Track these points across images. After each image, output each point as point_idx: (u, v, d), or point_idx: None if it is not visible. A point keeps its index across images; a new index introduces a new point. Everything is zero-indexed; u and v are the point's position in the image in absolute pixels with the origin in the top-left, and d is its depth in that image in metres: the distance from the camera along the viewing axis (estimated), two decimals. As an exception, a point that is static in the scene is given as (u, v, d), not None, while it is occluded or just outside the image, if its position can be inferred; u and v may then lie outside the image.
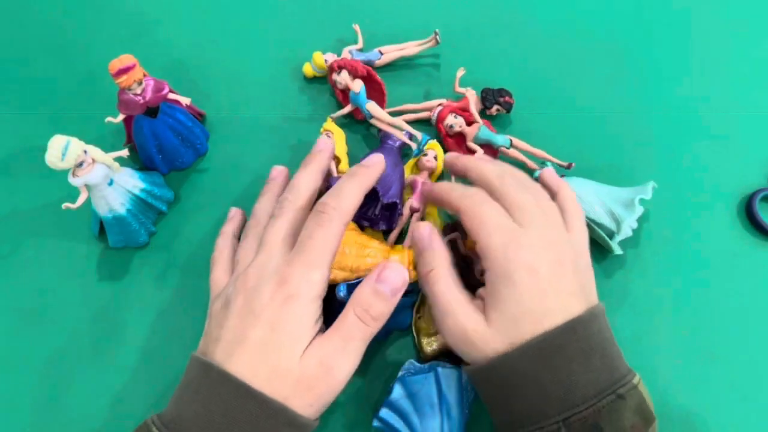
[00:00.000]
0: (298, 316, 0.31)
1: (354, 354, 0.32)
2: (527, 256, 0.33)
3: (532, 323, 0.32)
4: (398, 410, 0.38)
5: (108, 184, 0.43)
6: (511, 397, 0.33)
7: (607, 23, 0.60)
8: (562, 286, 0.33)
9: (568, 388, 0.31)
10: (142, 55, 0.45)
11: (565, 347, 0.31)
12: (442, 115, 0.46)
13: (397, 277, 0.32)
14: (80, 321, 0.45)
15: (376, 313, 0.31)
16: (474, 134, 0.44)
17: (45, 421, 0.41)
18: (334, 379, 0.31)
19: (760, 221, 0.48)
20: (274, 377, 0.30)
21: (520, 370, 0.32)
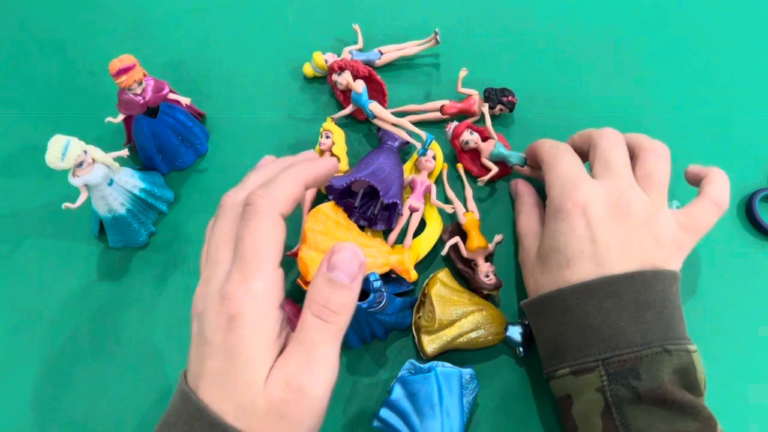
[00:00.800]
0: (248, 338, 0.26)
1: (323, 363, 0.26)
2: (581, 198, 0.36)
3: (566, 258, 0.35)
4: (398, 410, 0.38)
5: (108, 184, 0.43)
6: (558, 332, 0.35)
7: (607, 23, 0.60)
8: (621, 240, 0.35)
9: (615, 331, 0.32)
10: (142, 55, 0.45)
11: (619, 295, 0.33)
12: (457, 132, 0.46)
13: (351, 259, 0.27)
14: (80, 321, 0.45)
15: (336, 306, 0.26)
16: (490, 151, 0.45)
17: (45, 421, 0.41)
18: (308, 399, 0.26)
19: (760, 221, 0.48)
20: (241, 413, 0.26)
21: (570, 305, 0.34)
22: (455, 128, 0.45)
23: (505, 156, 0.45)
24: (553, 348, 0.36)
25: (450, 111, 0.52)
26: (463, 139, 0.45)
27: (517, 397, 0.42)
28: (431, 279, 0.43)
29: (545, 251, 0.37)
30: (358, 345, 0.43)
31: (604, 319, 0.33)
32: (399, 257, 0.43)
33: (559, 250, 0.36)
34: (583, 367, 0.33)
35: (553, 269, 0.36)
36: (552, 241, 0.37)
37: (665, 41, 0.59)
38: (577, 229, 0.35)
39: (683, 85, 0.56)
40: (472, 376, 0.40)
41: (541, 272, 0.37)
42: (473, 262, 0.44)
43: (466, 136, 0.45)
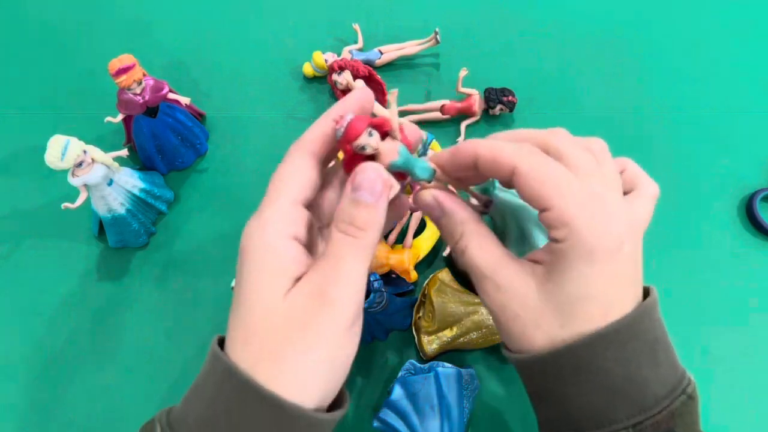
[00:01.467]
0: (253, 269, 0.25)
1: (350, 276, 0.25)
2: (619, 229, 0.27)
3: (602, 307, 0.27)
4: (398, 411, 0.38)
5: (107, 184, 0.43)
6: (569, 394, 0.28)
7: (608, 23, 0.60)
8: (637, 268, 0.28)
9: (640, 386, 0.27)
10: (142, 55, 0.45)
11: (635, 338, 0.27)
12: (353, 133, 0.26)
13: (373, 176, 0.25)
14: (80, 321, 0.44)
15: (361, 223, 0.25)
16: (392, 159, 0.27)
17: (45, 420, 0.41)
18: (332, 306, 0.24)
19: (760, 221, 0.48)
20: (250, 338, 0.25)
21: (585, 362, 0.27)
22: (349, 126, 0.26)
23: (409, 169, 0.28)
24: (563, 412, 0.29)
25: (450, 111, 0.52)
26: (358, 144, 0.26)
27: (517, 397, 0.42)
28: (431, 279, 0.43)
29: (566, 299, 0.27)
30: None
31: (625, 370, 0.27)
32: (399, 257, 0.43)
33: (594, 297, 0.27)
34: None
35: (580, 321, 0.27)
36: (580, 288, 0.27)
37: (665, 41, 0.59)
38: (624, 270, 0.28)
39: (683, 85, 0.56)
40: (472, 376, 0.40)
41: (561, 325, 0.28)
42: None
43: (364, 140, 0.26)
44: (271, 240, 0.26)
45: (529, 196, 0.28)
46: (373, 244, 0.26)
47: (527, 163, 0.28)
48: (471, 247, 0.29)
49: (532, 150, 0.29)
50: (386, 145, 0.27)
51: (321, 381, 0.25)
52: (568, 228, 0.27)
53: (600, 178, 0.28)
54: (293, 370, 0.24)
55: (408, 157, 0.27)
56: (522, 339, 0.29)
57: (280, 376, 0.24)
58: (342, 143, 0.26)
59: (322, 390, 0.25)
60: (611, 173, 0.29)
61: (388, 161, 0.26)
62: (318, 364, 0.24)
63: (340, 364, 0.25)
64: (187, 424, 0.25)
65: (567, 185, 0.27)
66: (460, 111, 0.52)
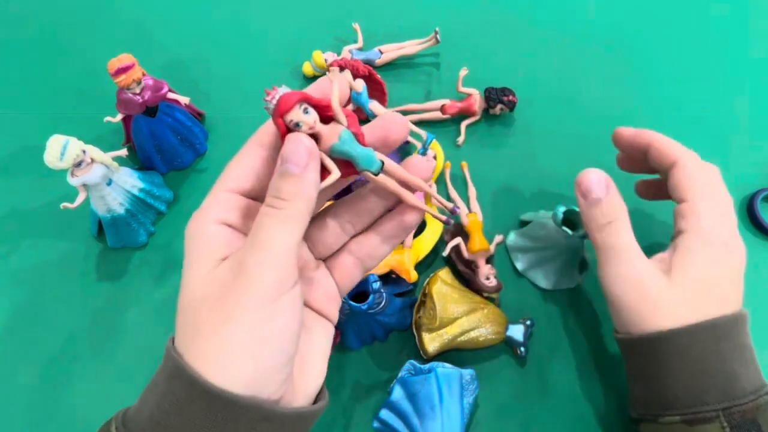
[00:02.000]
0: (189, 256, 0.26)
1: (267, 244, 0.23)
2: (731, 236, 0.35)
3: (717, 301, 0.33)
4: (398, 411, 0.38)
5: (107, 184, 0.42)
6: (668, 374, 0.32)
7: (608, 23, 0.60)
8: (740, 277, 0.35)
9: (731, 378, 0.31)
10: (141, 55, 0.45)
11: (733, 336, 0.32)
12: (283, 106, 0.25)
13: (297, 147, 0.24)
14: (79, 321, 0.44)
15: (285, 194, 0.24)
16: (332, 142, 0.26)
17: (44, 421, 0.41)
18: (246, 275, 0.23)
19: (761, 221, 0.48)
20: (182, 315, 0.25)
21: (687, 346, 0.32)
22: (280, 99, 0.25)
23: (352, 155, 0.26)
24: (657, 390, 0.33)
25: (450, 110, 0.52)
26: (290, 119, 0.25)
27: (517, 398, 0.42)
28: (432, 277, 0.43)
29: (690, 284, 0.33)
30: (358, 346, 0.43)
31: (721, 362, 0.32)
32: (399, 257, 0.42)
33: (710, 284, 0.33)
34: (699, 416, 0.31)
35: (702, 305, 0.33)
36: (700, 272, 0.33)
37: (666, 41, 0.59)
38: (732, 268, 0.35)
39: (684, 85, 0.56)
40: (473, 376, 0.40)
41: (678, 308, 0.33)
42: (474, 263, 0.44)
43: (297, 115, 0.25)
44: (201, 226, 0.26)
45: (677, 186, 0.36)
46: (299, 216, 0.24)
47: (690, 161, 0.37)
48: (623, 236, 0.36)
49: (694, 155, 0.38)
50: (327, 128, 0.25)
51: (244, 357, 0.23)
52: (695, 217, 0.34)
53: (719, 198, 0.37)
54: (213, 347, 0.23)
55: (350, 143, 0.25)
56: (641, 321, 0.33)
57: (202, 356, 0.23)
58: (274, 118, 0.25)
59: (249, 368, 0.23)
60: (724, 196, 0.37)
61: (328, 144, 0.25)
62: (237, 338, 0.23)
63: (266, 339, 0.23)
64: (139, 422, 0.24)
65: (707, 190, 0.36)
66: (460, 111, 0.52)
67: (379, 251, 0.28)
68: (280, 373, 0.24)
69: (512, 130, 0.53)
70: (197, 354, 0.23)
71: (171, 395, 0.23)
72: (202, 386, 0.22)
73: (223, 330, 0.23)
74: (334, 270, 0.29)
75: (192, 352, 0.23)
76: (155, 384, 0.25)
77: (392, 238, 0.28)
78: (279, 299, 0.23)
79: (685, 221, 0.35)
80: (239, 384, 0.22)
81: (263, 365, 0.23)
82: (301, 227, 0.24)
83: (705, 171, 0.37)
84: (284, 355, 0.24)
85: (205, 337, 0.23)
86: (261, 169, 0.27)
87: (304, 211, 0.24)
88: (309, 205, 0.25)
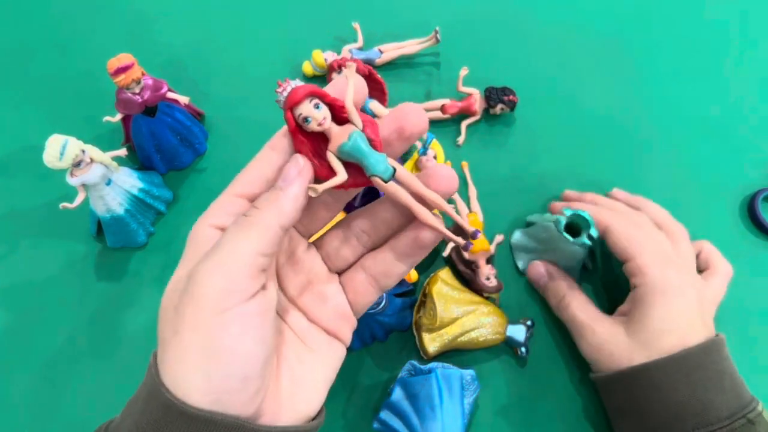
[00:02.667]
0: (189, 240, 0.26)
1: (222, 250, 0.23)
2: (679, 280, 0.37)
3: (677, 338, 0.35)
4: (398, 412, 0.38)
5: (106, 184, 0.42)
6: (644, 408, 0.35)
7: (609, 22, 0.60)
8: (704, 312, 0.38)
9: (705, 405, 0.33)
10: (141, 54, 0.45)
11: (703, 366, 0.34)
12: (293, 98, 0.24)
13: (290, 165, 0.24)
14: (78, 321, 0.44)
15: (260, 203, 0.24)
16: (340, 142, 0.24)
17: (44, 421, 0.41)
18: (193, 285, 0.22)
19: (762, 221, 0.48)
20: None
21: (658, 380, 0.35)
22: (290, 92, 0.24)
23: (360, 158, 0.24)
24: (640, 424, 0.36)
25: (451, 110, 0.52)
26: (299, 114, 0.24)
27: (518, 398, 0.41)
28: (432, 277, 0.43)
29: (649, 335, 0.36)
30: (358, 346, 0.43)
31: (692, 392, 0.34)
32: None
33: (670, 330, 0.36)
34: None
35: (659, 350, 0.36)
36: (658, 323, 0.36)
37: (666, 40, 0.59)
38: (691, 307, 0.37)
39: (684, 85, 0.56)
40: (473, 377, 0.40)
41: (647, 356, 0.36)
42: (474, 264, 0.44)
43: (306, 109, 0.23)
44: (198, 228, 0.26)
45: (615, 249, 0.40)
46: (265, 225, 0.23)
47: (617, 225, 0.40)
48: (572, 305, 0.41)
49: (622, 213, 0.42)
50: (338, 127, 0.24)
51: (196, 372, 0.21)
52: (641, 274, 0.38)
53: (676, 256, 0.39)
54: (169, 359, 0.22)
55: (359, 145, 0.24)
56: (612, 363, 0.37)
57: (164, 365, 0.22)
58: (285, 112, 0.24)
59: (201, 385, 0.21)
60: (685, 252, 0.40)
61: (337, 144, 0.24)
62: (186, 351, 0.21)
63: (214, 356, 0.21)
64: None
65: (644, 245, 0.39)
66: (460, 110, 0.52)
67: (394, 269, 0.27)
68: (238, 394, 0.22)
69: (513, 129, 0.53)
70: (162, 366, 0.22)
71: (149, 414, 0.22)
72: (178, 408, 0.21)
73: (174, 342, 0.22)
74: (347, 287, 0.28)
75: (160, 364, 0.23)
76: (136, 399, 0.24)
77: (408, 257, 0.26)
78: (226, 312, 0.21)
79: (635, 278, 0.38)
80: (200, 398, 0.21)
81: (216, 384, 0.21)
82: (266, 238, 0.23)
83: (635, 227, 0.40)
84: (237, 377, 0.22)
85: (164, 347, 0.23)
86: (271, 174, 0.26)
87: (273, 222, 0.23)
88: (281, 218, 0.23)
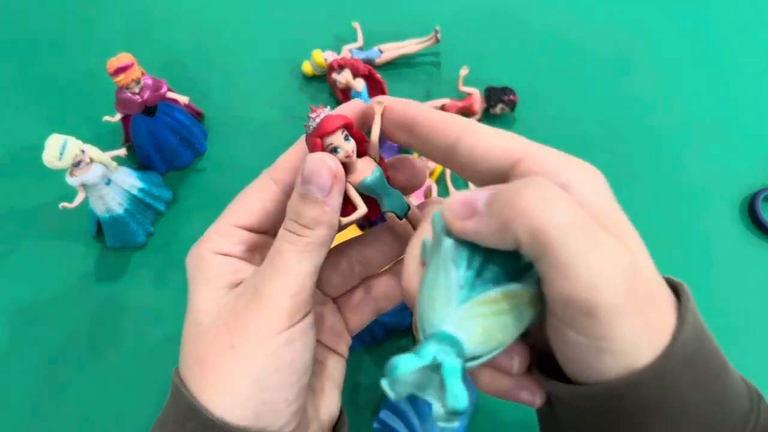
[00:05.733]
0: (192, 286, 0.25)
1: (286, 271, 0.23)
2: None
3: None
4: (398, 412, 0.38)
5: (106, 184, 0.42)
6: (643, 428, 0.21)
7: (608, 22, 0.60)
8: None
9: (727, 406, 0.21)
10: (140, 54, 0.44)
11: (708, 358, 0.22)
12: (325, 129, 0.23)
13: (321, 168, 0.23)
14: (78, 321, 0.44)
15: (307, 221, 0.23)
16: (365, 176, 0.25)
17: (43, 421, 0.41)
18: (261, 301, 0.22)
19: (762, 221, 0.47)
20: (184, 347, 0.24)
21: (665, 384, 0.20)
22: (326, 118, 0.23)
23: (380, 194, 0.25)
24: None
25: (451, 110, 0.52)
26: (330, 143, 0.23)
27: (518, 398, 0.41)
28: (432, 279, 0.43)
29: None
30: (358, 346, 0.43)
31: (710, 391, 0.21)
32: (399, 257, 0.42)
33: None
34: None
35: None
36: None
37: (666, 40, 0.59)
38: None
39: (684, 84, 0.56)
40: (473, 377, 0.40)
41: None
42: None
43: (338, 140, 0.23)
44: (202, 253, 0.25)
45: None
46: (321, 243, 0.23)
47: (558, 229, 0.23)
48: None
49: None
50: (360, 161, 0.24)
51: (253, 388, 0.22)
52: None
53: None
54: (220, 377, 0.22)
55: (381, 180, 0.25)
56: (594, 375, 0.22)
57: (208, 387, 0.22)
58: (312, 137, 0.24)
59: (258, 399, 0.22)
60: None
61: (360, 177, 0.24)
62: (245, 366, 0.22)
63: (278, 369, 0.22)
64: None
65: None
66: (460, 110, 0.52)
67: (395, 293, 0.27)
68: (291, 405, 0.23)
69: (513, 129, 0.52)
70: (203, 386, 0.22)
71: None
72: (219, 428, 0.21)
73: (231, 357, 0.22)
74: (343, 306, 0.28)
75: (197, 384, 0.22)
76: (164, 421, 0.23)
77: None
78: (293, 327, 0.22)
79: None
80: (246, 416, 0.21)
81: (273, 396, 0.22)
82: (322, 255, 0.24)
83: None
84: (295, 387, 0.23)
85: (210, 366, 0.22)
86: (272, 208, 0.25)
87: (326, 239, 0.23)
88: (331, 233, 0.24)
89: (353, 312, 0.28)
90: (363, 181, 0.24)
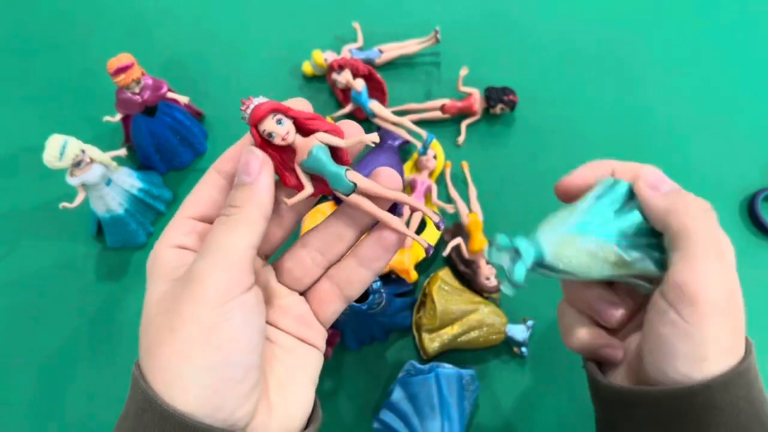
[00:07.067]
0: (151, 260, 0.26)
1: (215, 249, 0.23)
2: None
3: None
4: (398, 412, 0.38)
5: (106, 184, 0.42)
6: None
7: (609, 21, 0.60)
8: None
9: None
10: (141, 54, 0.44)
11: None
12: (256, 115, 0.25)
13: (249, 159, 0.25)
14: (78, 321, 0.44)
15: (237, 201, 0.25)
16: (301, 158, 0.25)
17: (43, 421, 0.41)
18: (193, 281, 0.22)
19: (762, 221, 0.47)
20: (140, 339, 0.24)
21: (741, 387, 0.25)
22: (253, 109, 0.25)
23: (323, 174, 0.25)
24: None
25: (451, 110, 0.52)
26: (264, 130, 0.25)
27: (518, 398, 0.41)
28: (432, 277, 0.43)
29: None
30: (358, 346, 0.43)
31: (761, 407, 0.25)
32: (399, 258, 0.42)
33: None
34: None
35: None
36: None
37: (667, 40, 0.59)
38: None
39: (684, 85, 0.56)
40: (473, 377, 0.40)
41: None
42: (474, 263, 0.44)
43: (270, 125, 0.25)
44: (158, 250, 0.25)
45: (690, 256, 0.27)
46: (251, 220, 0.24)
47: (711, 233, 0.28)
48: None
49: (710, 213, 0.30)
50: (301, 142, 0.25)
51: (197, 368, 0.21)
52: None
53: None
54: (163, 361, 0.22)
55: (320, 161, 0.24)
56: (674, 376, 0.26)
57: (155, 372, 0.22)
58: (250, 128, 0.26)
59: (203, 380, 0.21)
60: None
61: (299, 160, 0.25)
62: (186, 347, 0.22)
63: (219, 347, 0.22)
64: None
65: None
66: (460, 110, 0.52)
67: (358, 276, 0.27)
68: (240, 385, 0.22)
69: (513, 129, 0.53)
70: (154, 375, 0.22)
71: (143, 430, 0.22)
72: (175, 420, 0.21)
73: (171, 340, 0.22)
74: (310, 297, 0.28)
75: (150, 374, 0.22)
76: (125, 417, 0.24)
77: (372, 261, 0.27)
78: (228, 303, 0.22)
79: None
80: (194, 401, 0.21)
81: (219, 376, 0.22)
82: (255, 231, 0.24)
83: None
84: (241, 366, 0.22)
85: (158, 353, 0.22)
86: (218, 196, 0.27)
87: (257, 216, 0.24)
88: (262, 210, 0.24)
89: (321, 303, 0.28)
90: (301, 164, 0.25)
